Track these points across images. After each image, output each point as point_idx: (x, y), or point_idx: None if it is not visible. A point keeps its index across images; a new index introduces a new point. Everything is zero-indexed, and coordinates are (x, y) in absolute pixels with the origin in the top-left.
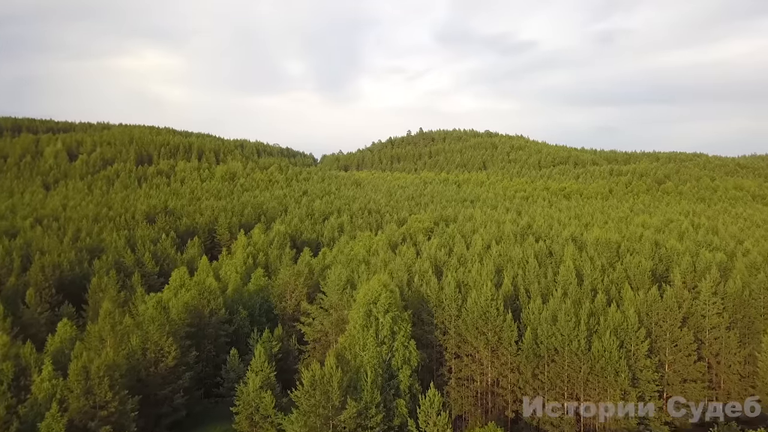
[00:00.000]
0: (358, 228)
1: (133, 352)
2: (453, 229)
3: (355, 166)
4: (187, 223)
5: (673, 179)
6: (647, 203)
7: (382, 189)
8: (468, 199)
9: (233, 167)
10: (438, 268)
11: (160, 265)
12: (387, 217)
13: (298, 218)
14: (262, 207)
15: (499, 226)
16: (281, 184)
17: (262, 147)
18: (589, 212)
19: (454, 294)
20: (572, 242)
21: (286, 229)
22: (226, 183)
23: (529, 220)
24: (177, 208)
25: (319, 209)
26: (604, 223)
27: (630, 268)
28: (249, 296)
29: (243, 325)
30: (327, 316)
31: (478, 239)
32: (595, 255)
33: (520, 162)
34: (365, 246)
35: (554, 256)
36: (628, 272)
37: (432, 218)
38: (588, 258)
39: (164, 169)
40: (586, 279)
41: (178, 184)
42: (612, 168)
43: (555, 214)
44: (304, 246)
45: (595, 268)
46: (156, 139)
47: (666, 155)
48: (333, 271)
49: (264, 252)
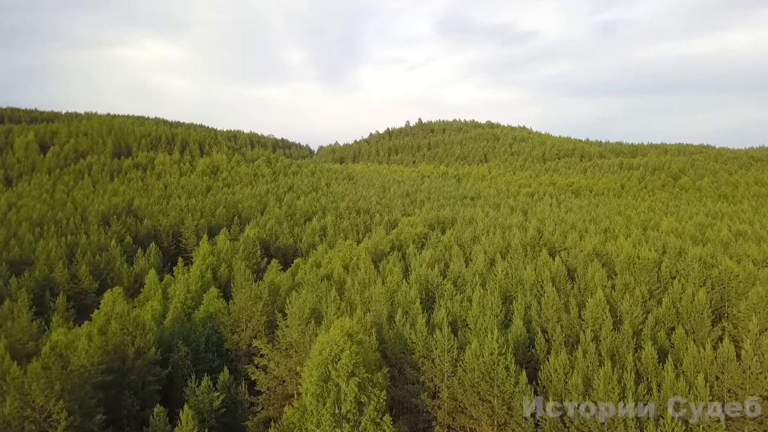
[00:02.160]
0: (342, 232)
1: (6, 423)
2: (450, 236)
3: (351, 158)
4: (149, 225)
5: (688, 173)
6: (666, 201)
7: (376, 184)
8: (468, 195)
9: (217, 160)
10: (429, 294)
11: (101, 281)
12: (377, 218)
13: (275, 219)
14: (237, 206)
15: (504, 233)
16: (267, 178)
17: (256, 138)
18: (605, 213)
19: (447, 340)
20: (596, 258)
21: (259, 234)
22: (207, 178)
23: (538, 225)
24: (141, 208)
25: (302, 208)
26: (625, 227)
27: (680, 302)
28: (195, 327)
29: (182, 366)
30: (285, 358)
31: (479, 252)
32: (630, 279)
33: (524, 154)
34: (344, 258)
35: (577, 280)
36: (679, 308)
37: (426, 221)
38: (623, 285)
39: (142, 162)
40: (625, 318)
41: (153, 179)
42: (622, 161)
43: (567, 216)
44: (279, 253)
45: (635, 300)
46: (138, 129)
47: (675, 147)
48: (295, 299)
49: (227, 263)
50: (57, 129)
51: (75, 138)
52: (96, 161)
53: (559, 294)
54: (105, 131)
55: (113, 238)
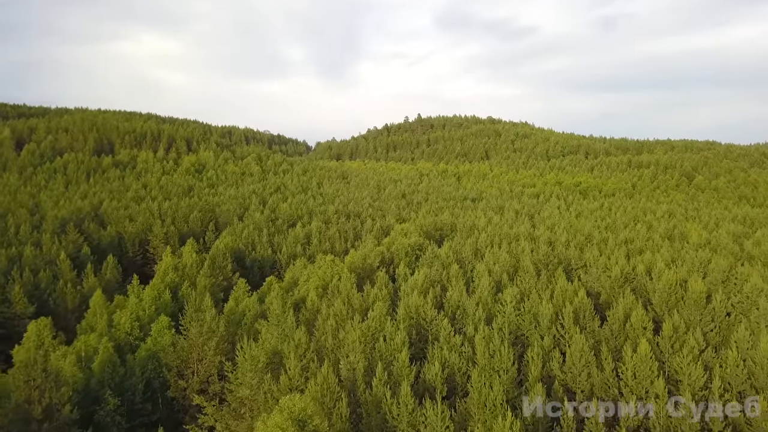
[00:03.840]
0: (328, 240)
1: None
2: (448, 250)
3: (348, 155)
4: (112, 233)
5: (702, 172)
6: (683, 204)
7: (371, 183)
8: (468, 197)
9: (204, 158)
10: (421, 333)
11: (40, 304)
12: (368, 224)
13: (253, 226)
14: (214, 210)
15: (511, 245)
16: (255, 177)
17: (252, 134)
18: (622, 220)
19: (441, 420)
20: (625, 282)
21: (233, 243)
22: (190, 177)
23: (549, 235)
24: (108, 212)
25: (286, 213)
26: (648, 238)
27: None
28: (132, 370)
29: (110, 424)
30: (236, 419)
31: (483, 273)
32: (679, 321)
33: (527, 151)
34: (324, 277)
35: (608, 320)
36: (751, 366)
37: (423, 228)
38: (671, 330)
39: (123, 160)
40: (684, 389)
41: (132, 179)
42: (630, 159)
43: (579, 223)
44: (255, 266)
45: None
46: (123, 125)
47: (682, 144)
48: (247, 347)
49: (191, 280)
50: (35, 125)
51: (54, 134)
52: (73, 159)
53: (586, 338)
54: (87, 127)
55: (66, 249)
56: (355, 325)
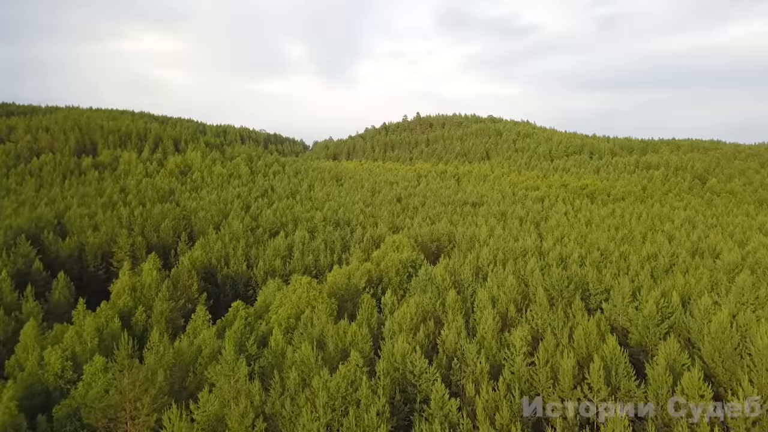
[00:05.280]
0: (311, 253)
1: None
2: (444, 272)
3: (345, 155)
4: (71, 245)
5: (714, 174)
6: (700, 210)
7: (365, 186)
8: (468, 201)
9: (190, 159)
10: (406, 394)
11: None
12: (358, 233)
13: (230, 236)
14: (190, 217)
15: (517, 262)
16: (243, 179)
17: (247, 133)
18: (638, 229)
19: None
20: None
21: (205, 257)
22: (174, 179)
23: (560, 251)
24: (71, 220)
25: (269, 220)
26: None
27: None
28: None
29: None
30: None
31: (486, 304)
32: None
33: (529, 151)
34: (296, 305)
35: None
36: None
37: (417, 239)
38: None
39: (105, 161)
40: None
41: (110, 182)
42: (638, 160)
43: (591, 233)
44: (228, 283)
45: None
46: (108, 124)
47: (687, 143)
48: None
49: (148, 304)
50: (15, 124)
51: (33, 134)
52: (51, 160)
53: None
54: (69, 126)
55: (13, 263)
56: (321, 382)
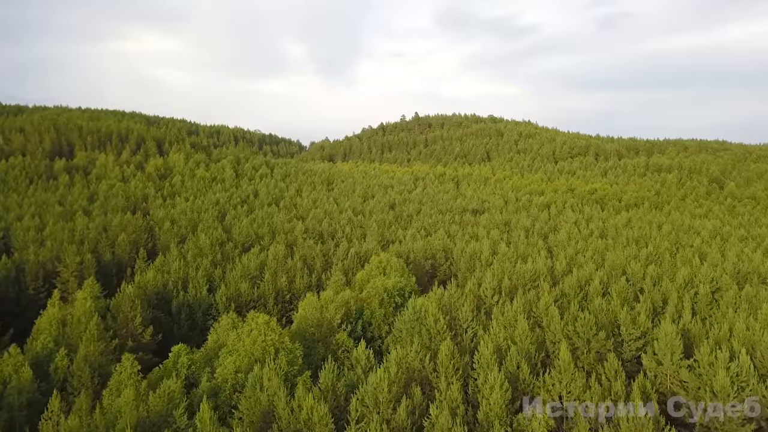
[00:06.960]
0: (286, 273)
1: None
2: (437, 306)
3: (341, 156)
4: (10, 263)
5: (731, 177)
6: (725, 219)
7: (357, 190)
8: (468, 208)
9: (172, 161)
10: None
11: None
12: (342, 248)
13: (193, 252)
14: (153, 229)
15: (528, 293)
16: (227, 184)
17: (242, 133)
18: (663, 244)
19: None
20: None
21: (158, 280)
22: (151, 184)
23: (578, 275)
24: (17, 234)
25: (244, 232)
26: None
27: None
28: None
29: None
30: None
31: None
32: None
33: (531, 152)
34: (249, 354)
35: None
36: None
37: (410, 256)
38: None
39: (80, 163)
40: None
41: (80, 187)
42: (647, 162)
43: (608, 251)
44: (184, 312)
45: None
46: (87, 125)
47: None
48: None
49: (74, 345)
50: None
51: (6, 135)
52: (20, 164)
53: None
54: (45, 127)
55: None
56: None
